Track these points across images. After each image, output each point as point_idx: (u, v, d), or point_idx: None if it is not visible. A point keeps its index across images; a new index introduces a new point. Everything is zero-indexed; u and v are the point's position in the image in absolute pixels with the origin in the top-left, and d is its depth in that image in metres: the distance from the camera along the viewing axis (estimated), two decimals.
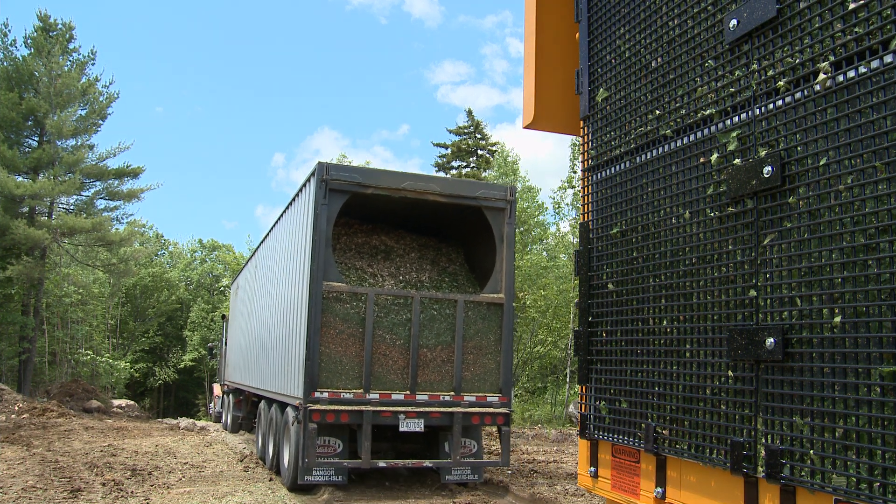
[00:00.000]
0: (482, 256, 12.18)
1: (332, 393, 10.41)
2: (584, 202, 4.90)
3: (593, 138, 4.77)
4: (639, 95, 4.26)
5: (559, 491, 11.04)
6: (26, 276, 30.54)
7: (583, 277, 4.80)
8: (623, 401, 4.30)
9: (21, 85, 32.91)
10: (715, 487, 3.59)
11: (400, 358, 10.86)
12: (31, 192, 30.06)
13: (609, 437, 4.45)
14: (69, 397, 29.08)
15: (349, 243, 12.31)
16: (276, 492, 11.02)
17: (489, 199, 11.48)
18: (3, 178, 29.21)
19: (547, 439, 19.49)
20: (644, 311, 4.13)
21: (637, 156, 4.26)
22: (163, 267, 57.57)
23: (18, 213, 31.18)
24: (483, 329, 11.27)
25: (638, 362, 4.17)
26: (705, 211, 3.64)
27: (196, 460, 14.39)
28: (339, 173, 10.81)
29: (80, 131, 33.86)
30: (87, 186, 34.81)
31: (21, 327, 32.62)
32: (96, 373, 40.84)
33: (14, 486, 10.72)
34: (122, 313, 51.66)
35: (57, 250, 34.35)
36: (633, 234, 4.25)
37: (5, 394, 26.02)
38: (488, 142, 53.55)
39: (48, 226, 31.33)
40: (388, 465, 10.83)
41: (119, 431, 20.00)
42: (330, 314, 10.60)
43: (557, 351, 29.17)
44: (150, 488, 11.16)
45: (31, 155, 32.43)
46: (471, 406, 10.94)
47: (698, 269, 3.69)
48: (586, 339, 4.72)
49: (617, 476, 4.45)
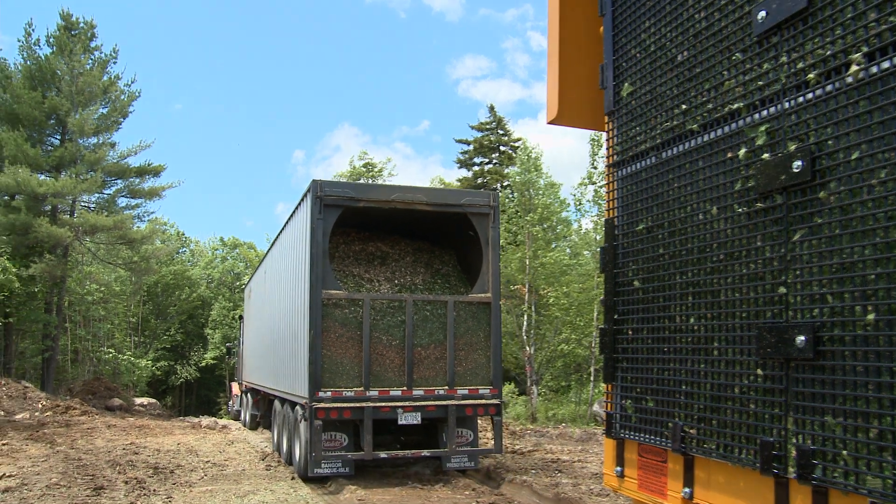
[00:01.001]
0: (473, 258, 13.20)
1: (334, 392, 11.51)
2: (609, 198, 4.87)
3: (618, 133, 4.74)
4: (665, 90, 4.22)
5: (584, 491, 11.01)
6: (49, 275, 30.91)
7: (608, 274, 4.77)
8: (650, 399, 4.27)
9: (44, 84, 33.24)
10: (744, 488, 3.56)
11: (396, 357, 11.95)
12: (54, 190, 30.36)
13: (635, 437, 4.43)
14: (92, 395, 29.45)
15: (347, 251, 13.46)
16: (297, 490, 11.09)
17: (474, 205, 12.62)
18: (26, 176, 29.53)
19: (571, 438, 19.43)
20: (671, 309, 4.10)
21: (663, 151, 4.23)
22: (184, 265, 58.00)
23: (41, 212, 31.51)
24: (473, 327, 12.39)
25: (665, 360, 4.14)
26: (733, 207, 3.61)
27: (218, 459, 14.50)
28: (333, 189, 11.94)
29: (102, 129, 34.17)
30: (109, 184, 35.16)
31: (44, 325, 33.03)
32: (118, 371, 41.27)
33: (38, 484, 10.87)
34: (144, 311, 52.11)
35: (79, 248, 34.75)
36: (660, 230, 4.22)
37: (29, 392, 26.43)
38: (510, 138, 53.47)
39: (70, 224, 31.69)
40: (389, 455, 11.93)
41: (141, 429, 20.20)
42: (330, 319, 11.68)
43: (581, 349, 29.05)
44: (172, 486, 11.27)
45: (54, 153, 32.74)
46: (464, 399, 12.07)
47: (726, 266, 3.66)
48: (612, 336, 4.69)
49: (643, 476, 4.42)
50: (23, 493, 10.20)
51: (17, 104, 31.55)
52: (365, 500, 10.28)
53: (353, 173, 55.71)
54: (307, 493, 10.95)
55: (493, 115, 53.96)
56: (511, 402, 29.89)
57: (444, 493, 11.08)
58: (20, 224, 30.06)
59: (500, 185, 50.71)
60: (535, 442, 17.90)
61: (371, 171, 55.89)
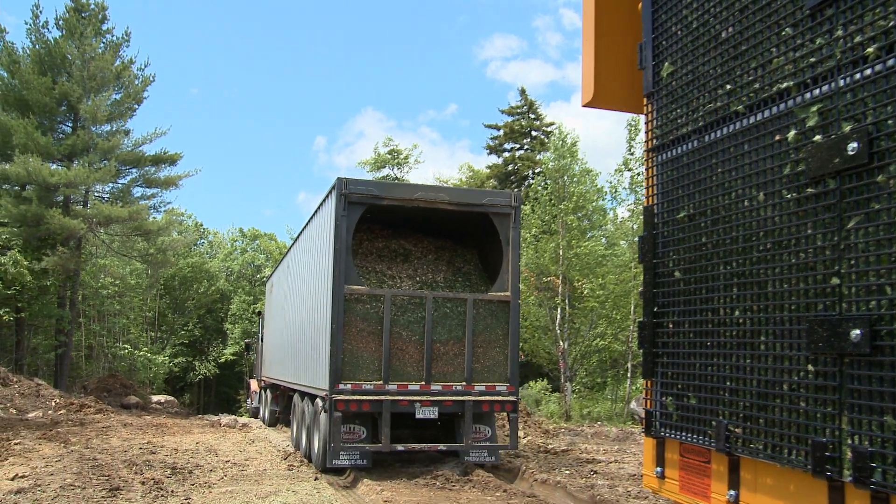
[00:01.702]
0: (494, 257, 13.94)
1: (354, 385, 12.40)
2: (648, 185, 4.83)
3: (658, 116, 4.70)
4: (708, 69, 4.18)
5: (621, 493, 10.98)
6: (62, 268, 31.10)
7: (647, 265, 4.74)
8: (692, 396, 4.25)
9: (53, 69, 33.24)
10: (794, 492, 3.53)
11: (415, 352, 12.80)
12: (66, 180, 30.47)
13: (677, 436, 4.40)
14: (107, 393, 29.80)
15: (370, 248, 14.41)
16: (321, 492, 11.18)
17: (495, 205, 13.42)
18: (37, 165, 29.66)
19: (607, 438, 19.39)
20: (714, 301, 4.07)
21: (706, 134, 4.18)
22: (202, 257, 58.47)
23: (53, 203, 31.66)
24: (491, 325, 13.16)
25: (708, 355, 4.11)
26: (781, 192, 3.56)
27: (238, 458, 14.65)
28: (357, 187, 12.79)
29: (115, 116, 34.21)
30: (124, 174, 35.24)
31: (57, 320, 33.28)
32: (134, 367, 41.71)
33: (52, 485, 11.03)
34: (161, 305, 52.59)
35: (93, 240, 34.94)
36: (702, 218, 4.18)
37: (42, 389, 26.79)
38: (542, 122, 53.29)
39: (84, 215, 31.82)
40: (406, 448, 12.67)
41: (158, 428, 20.45)
42: (351, 314, 12.57)
43: (618, 344, 28.97)
44: (190, 487, 11.40)
45: (66, 141, 32.80)
46: (481, 395, 12.87)
47: (774, 256, 3.61)
48: (651, 330, 4.66)
49: (685, 477, 4.40)
50: (36, 495, 10.34)
51: (27, 90, 31.61)
52: (391, 502, 10.33)
53: (378, 160, 55.86)
54: (331, 494, 11.03)
55: (523, 98, 53.81)
56: (544, 400, 29.89)
57: (474, 494, 11.11)
58: (31, 215, 30.24)
59: (532, 172, 50.61)
60: (569, 441, 17.88)
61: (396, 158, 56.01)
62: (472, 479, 12.12)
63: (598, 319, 28.14)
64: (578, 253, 27.41)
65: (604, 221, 31.82)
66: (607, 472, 13.14)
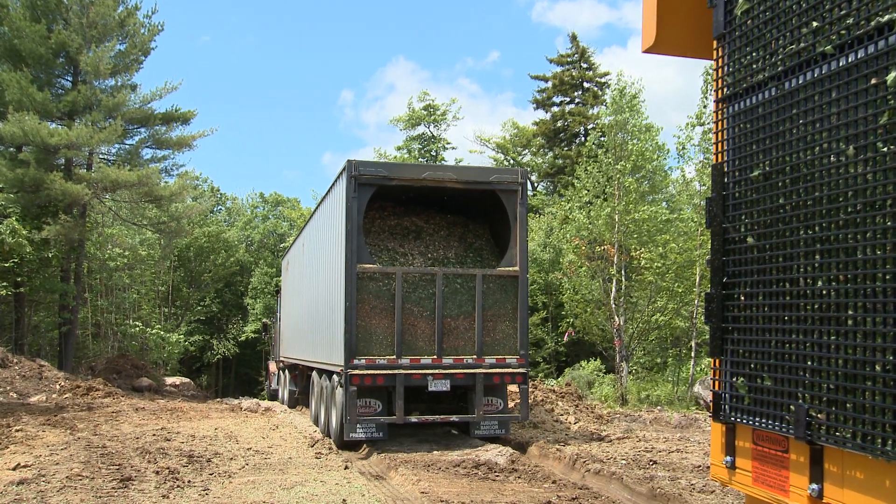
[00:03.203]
0: (505, 232, 15.66)
1: (368, 360, 14.14)
2: (717, 140, 4.77)
3: (730, 61, 4.62)
4: (790, 4, 4.08)
5: (684, 486, 10.97)
6: (65, 238, 31.22)
7: (716, 230, 4.69)
8: (767, 377, 4.21)
9: (48, 15, 32.68)
10: (891, 488, 3.47)
11: (427, 327, 14.57)
12: (67, 140, 30.31)
13: (749, 421, 4.37)
14: (116, 374, 30.34)
15: (383, 226, 16.27)
16: (352, 482, 11.31)
17: (502, 182, 15.11)
18: (35, 125, 29.44)
19: (668, 424, 19.36)
20: (793, 270, 4.01)
21: (787, 80, 4.10)
22: (220, 225, 58.75)
23: (53, 166, 31.59)
24: (501, 299, 14.89)
25: (786, 331, 4.06)
26: (876, 145, 3.48)
27: (261, 445, 14.86)
28: (367, 169, 14.51)
29: (120, 69, 34.04)
30: (131, 134, 35.22)
31: (61, 296, 33.30)
32: (146, 347, 42.18)
33: (58, 475, 11.25)
34: (175, 279, 52.96)
35: (98, 208, 35.19)
36: (780, 176, 4.11)
37: (45, 371, 27.24)
38: (596, 72, 52.83)
39: (88, 179, 31.76)
40: (419, 419, 14.67)
41: (173, 413, 20.79)
42: (364, 292, 14.33)
43: (680, 320, 28.79)
44: (209, 477, 11.59)
45: (65, 98, 32.61)
46: (491, 367, 14.58)
47: (864, 218, 3.54)
48: (720, 303, 4.63)
49: (760, 468, 4.37)
50: (40, 486, 10.52)
51: (18, 39, 31.18)
52: (429, 493, 10.42)
53: (413, 117, 55.83)
54: (362, 484, 11.15)
55: (574, 45, 53.32)
56: (597, 382, 29.87)
57: (519, 485, 11.17)
58: (30, 180, 30.06)
59: (584, 128, 50.22)
60: (625, 428, 17.89)
61: (433, 114, 55.96)
62: (516, 468, 12.18)
63: (658, 292, 27.96)
64: (637, 219, 27.17)
65: (665, 183, 31.40)
66: (668, 463, 13.13)
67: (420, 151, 57.47)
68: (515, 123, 58.80)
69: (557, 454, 13.40)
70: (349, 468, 12.46)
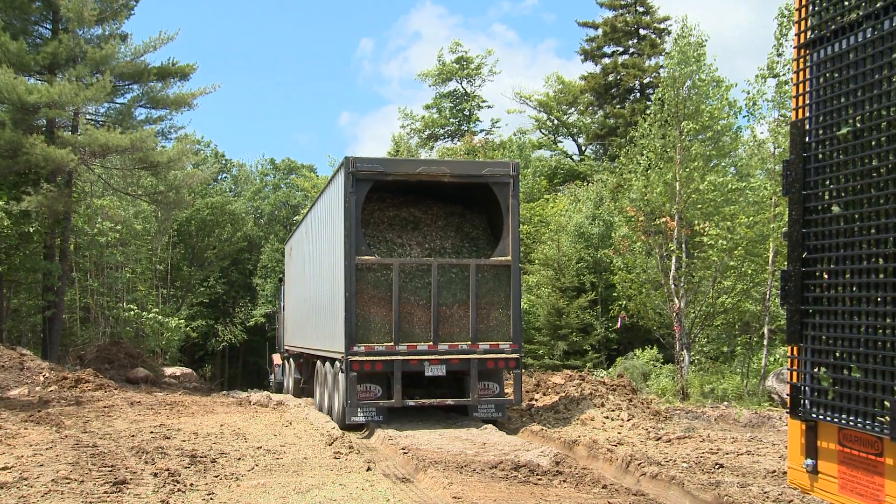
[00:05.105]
0: (501, 221, 18.15)
1: (367, 346, 16.89)
2: (797, 93, 4.71)
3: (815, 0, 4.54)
4: None
5: (755, 493, 10.92)
6: (48, 210, 30.81)
7: (794, 198, 4.64)
8: (855, 367, 4.16)
9: None
10: None
11: (423, 315, 17.33)
12: (49, 98, 29.68)
13: (835, 419, 4.33)
14: (108, 364, 30.57)
15: (381, 217, 19.16)
16: (375, 485, 11.37)
17: (495, 175, 17.91)
18: (9, 80, 28.77)
19: (736, 423, 19.29)
20: (887, 244, 3.95)
21: (884, 19, 4.02)
22: (225, 196, 58.93)
23: (33, 128, 31.26)
24: (494, 287, 17.71)
25: (878, 314, 4.01)
26: None
27: (272, 444, 14.99)
28: (363, 165, 17.15)
29: (108, 16, 33.54)
30: (122, 91, 34.75)
31: (44, 276, 33.09)
32: (142, 333, 42.40)
33: (42, 478, 11.31)
34: (174, 256, 53.12)
35: (86, 175, 34.98)
36: (874, 133, 4.04)
37: (27, 360, 27.29)
38: (654, 17, 52.34)
39: (73, 143, 31.03)
40: (417, 403, 17.36)
41: (173, 407, 21.02)
42: (363, 282, 17.06)
43: (750, 303, 28.54)
44: (214, 480, 11.69)
45: (45, 49, 31.92)
46: (485, 353, 17.37)
47: None
48: (799, 282, 4.58)
49: (847, 473, 4.33)
50: (22, 491, 10.53)
51: None
52: (462, 499, 10.45)
53: (443, 72, 55.69)
54: (387, 487, 11.20)
55: None
56: (653, 373, 29.82)
57: (565, 490, 11.18)
58: (6, 143, 29.33)
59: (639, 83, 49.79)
60: (686, 426, 17.83)
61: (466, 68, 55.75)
62: (561, 470, 12.18)
63: (725, 272, 27.74)
64: (700, 188, 26.87)
65: (734, 146, 30.90)
66: (737, 467, 13.08)
67: (452, 111, 57.35)
68: (560, 77, 58.57)
69: (608, 455, 13.39)
70: (371, 469, 12.49)
